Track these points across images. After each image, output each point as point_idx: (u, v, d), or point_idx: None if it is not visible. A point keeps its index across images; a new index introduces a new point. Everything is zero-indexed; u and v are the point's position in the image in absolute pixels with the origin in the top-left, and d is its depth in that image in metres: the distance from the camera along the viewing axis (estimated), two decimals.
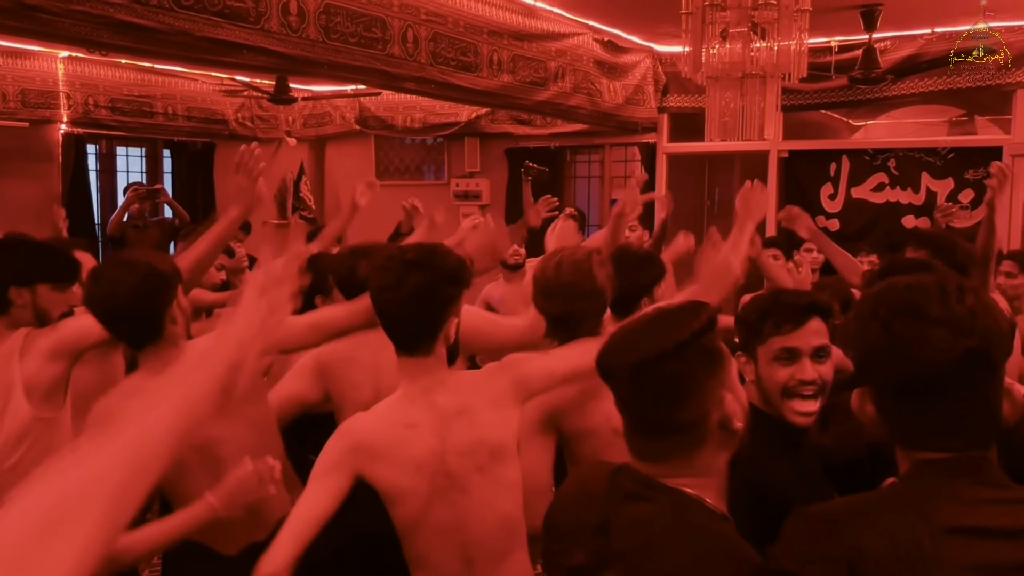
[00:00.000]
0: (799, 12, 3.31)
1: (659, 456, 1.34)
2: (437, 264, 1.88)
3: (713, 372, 1.33)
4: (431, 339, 1.89)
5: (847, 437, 1.73)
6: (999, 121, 6.15)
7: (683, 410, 1.31)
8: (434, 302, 1.88)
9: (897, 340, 1.20)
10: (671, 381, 1.30)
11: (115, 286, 2.05)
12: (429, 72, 4.39)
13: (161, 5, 3.06)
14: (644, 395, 1.33)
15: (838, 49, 5.84)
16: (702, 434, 1.32)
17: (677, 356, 1.29)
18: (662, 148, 6.81)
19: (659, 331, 1.33)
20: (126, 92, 6.67)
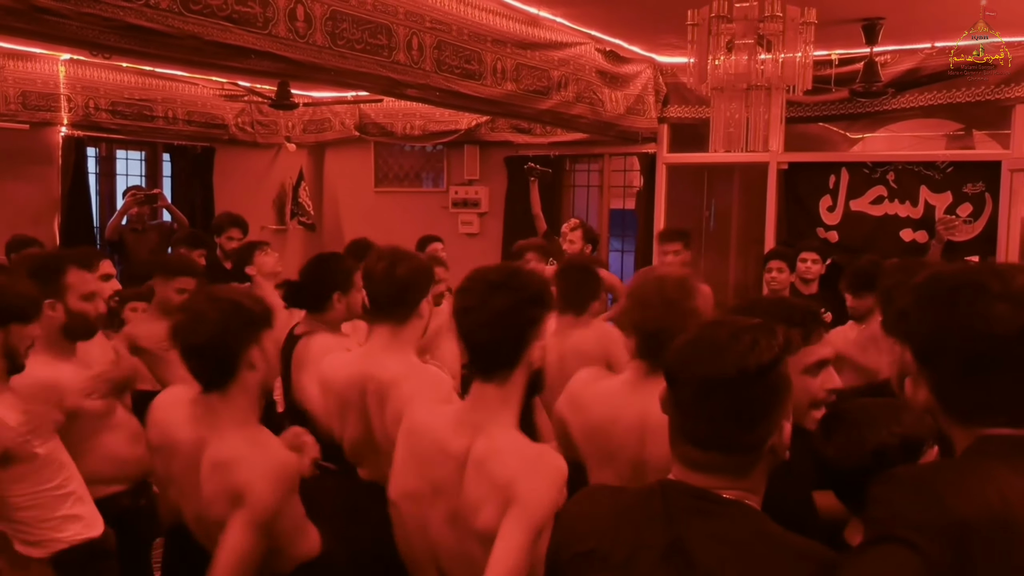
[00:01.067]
0: (804, 24, 3.34)
1: (713, 469, 1.34)
2: (520, 284, 1.84)
3: (782, 400, 1.35)
4: (511, 365, 1.83)
5: (851, 445, 1.73)
6: (997, 136, 6.19)
7: (752, 433, 1.32)
8: (516, 324, 1.82)
9: (963, 316, 1.22)
10: (745, 404, 1.30)
11: (198, 320, 2.03)
12: (434, 79, 4.40)
13: (171, 8, 3.07)
14: (716, 410, 1.31)
15: (839, 62, 5.87)
16: (760, 455, 1.34)
17: (755, 380, 1.29)
18: (662, 158, 6.83)
19: (740, 349, 1.31)
20: (127, 95, 6.67)
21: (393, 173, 8.24)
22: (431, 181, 8.12)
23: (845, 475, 1.72)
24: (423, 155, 8.12)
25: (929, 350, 1.29)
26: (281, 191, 8.15)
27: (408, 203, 8.02)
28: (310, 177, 8.22)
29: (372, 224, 7.45)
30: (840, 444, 1.72)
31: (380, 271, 2.59)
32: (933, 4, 4.83)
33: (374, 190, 8.20)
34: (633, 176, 7.49)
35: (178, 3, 3.10)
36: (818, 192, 6.31)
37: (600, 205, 7.55)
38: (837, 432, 1.74)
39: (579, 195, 7.69)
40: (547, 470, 1.72)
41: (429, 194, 8.03)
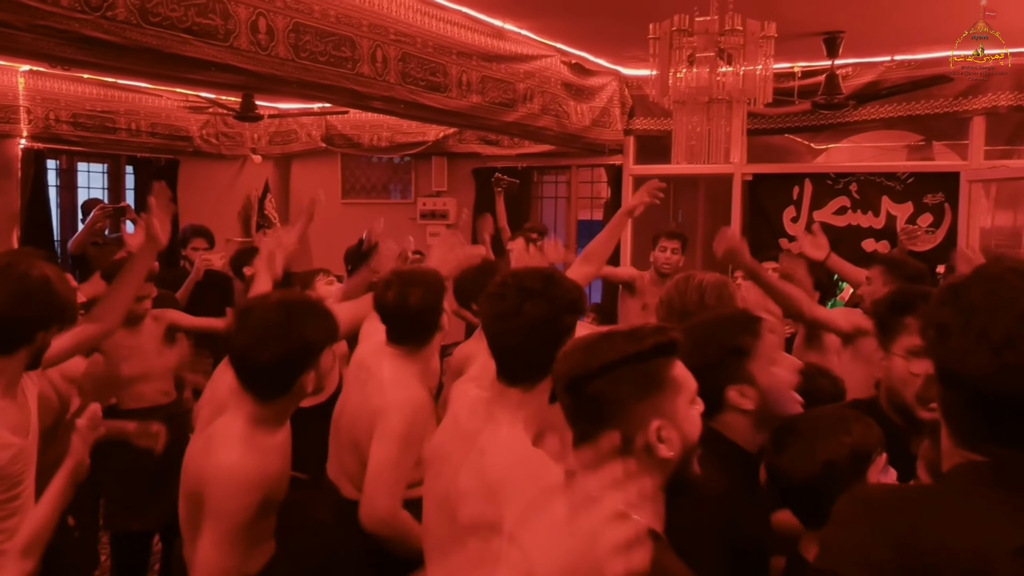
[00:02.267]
0: (764, 38, 3.37)
1: (591, 465, 1.40)
2: (556, 293, 1.80)
3: (642, 397, 1.36)
4: (539, 374, 1.78)
5: (802, 457, 1.73)
6: (956, 146, 6.29)
7: (605, 427, 1.37)
8: (550, 333, 1.77)
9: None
10: (593, 400, 1.36)
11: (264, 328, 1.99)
12: (398, 92, 4.39)
13: (128, 21, 3.03)
14: (574, 409, 1.41)
15: (801, 75, 5.95)
16: (626, 451, 1.37)
17: (601, 377, 1.35)
18: (628, 170, 6.87)
19: (596, 350, 1.38)
20: (88, 107, 6.58)
21: (360, 185, 8.21)
22: (399, 192, 8.10)
23: (797, 488, 1.73)
24: (391, 167, 8.09)
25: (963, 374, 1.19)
26: (247, 203, 8.07)
27: (376, 215, 7.88)
28: (276, 189, 8.15)
29: (339, 236, 7.39)
30: (791, 457, 1.73)
31: (391, 301, 2.57)
32: (891, 18, 4.91)
33: (341, 201, 8.15)
34: (600, 187, 7.52)
35: (136, 15, 3.06)
36: (782, 203, 6.38)
37: (568, 216, 7.57)
38: (788, 445, 1.75)
39: (547, 206, 7.71)
40: (540, 475, 1.70)
41: (397, 205, 8.00)
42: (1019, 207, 6.25)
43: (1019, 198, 6.18)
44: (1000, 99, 5.59)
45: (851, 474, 1.69)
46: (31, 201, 6.47)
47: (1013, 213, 6.32)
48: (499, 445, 1.75)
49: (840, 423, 1.77)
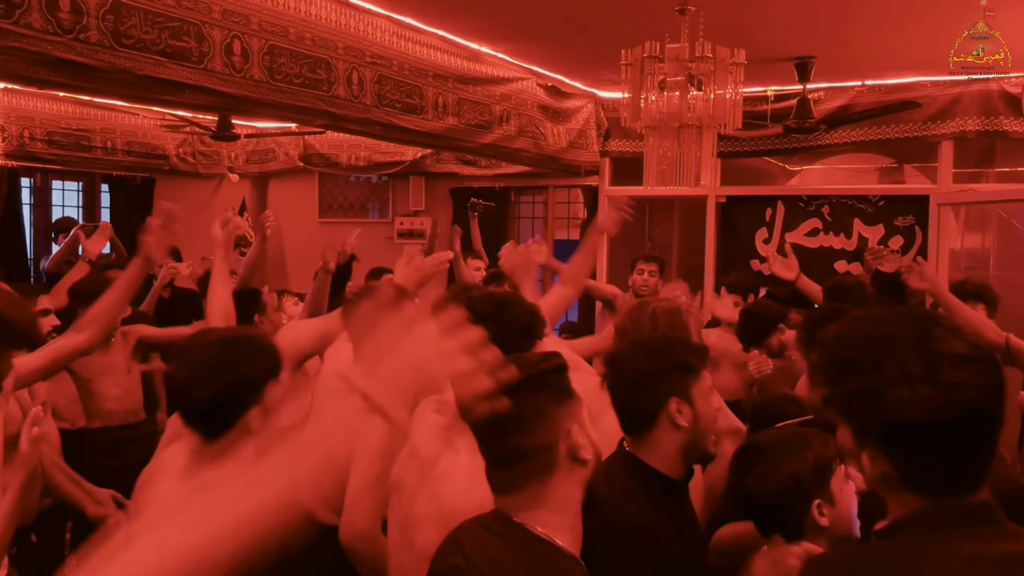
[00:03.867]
0: (734, 65, 3.43)
1: (511, 487, 1.43)
2: (508, 317, 1.82)
3: (560, 403, 1.43)
4: None
5: (770, 474, 1.77)
6: (926, 169, 6.40)
7: (529, 437, 1.40)
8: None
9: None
10: (515, 411, 1.33)
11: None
12: (374, 114, 4.41)
13: (101, 43, 3.03)
14: (493, 425, 1.41)
15: (774, 98, 6.03)
16: (551, 462, 1.41)
17: (521, 389, 1.36)
18: (604, 191, 6.92)
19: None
20: (63, 125, 6.54)
21: (338, 204, 8.21)
22: (377, 212, 8.11)
23: (766, 504, 1.77)
24: (368, 186, 8.10)
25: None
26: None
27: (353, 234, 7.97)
28: (253, 208, 8.13)
29: (316, 255, 7.36)
30: (759, 474, 1.77)
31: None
32: (862, 44, 5.00)
33: (319, 220, 8.15)
34: (577, 208, 7.57)
35: (109, 37, 3.07)
36: (754, 224, 6.45)
37: (545, 236, 7.60)
38: (754, 463, 1.79)
39: (524, 226, 7.74)
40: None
41: (375, 225, 8.01)
42: (987, 229, 6.35)
43: (987, 221, 6.28)
44: (968, 124, 5.69)
45: (816, 485, 1.75)
46: (5, 219, 6.44)
47: (981, 235, 6.41)
48: (456, 473, 1.76)
49: (800, 439, 1.83)
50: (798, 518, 1.74)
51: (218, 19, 3.53)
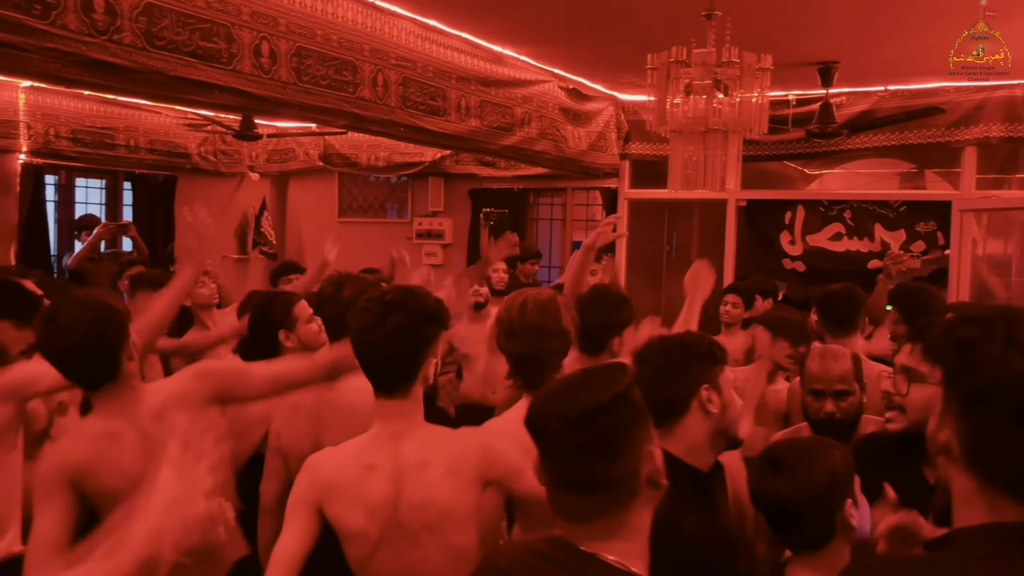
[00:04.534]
0: (760, 70, 3.43)
1: (586, 516, 1.33)
2: (416, 305, 1.90)
3: (642, 426, 1.36)
4: (409, 380, 1.92)
5: (808, 473, 1.76)
6: (947, 175, 6.37)
7: (617, 464, 1.31)
8: (413, 343, 1.89)
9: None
10: (606, 435, 1.30)
11: (71, 324, 2.00)
12: (398, 115, 4.44)
13: (135, 44, 3.07)
14: (578, 450, 1.31)
15: (796, 103, 6.02)
16: (633, 490, 1.33)
17: (612, 410, 1.31)
18: (623, 194, 6.92)
19: (591, 387, 1.35)
20: (88, 123, 6.60)
21: (357, 203, 8.25)
22: (395, 212, 8.14)
23: (798, 507, 1.76)
24: (387, 186, 8.14)
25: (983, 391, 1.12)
26: (244, 220, 8.11)
27: (372, 234, 8.02)
28: (273, 206, 8.19)
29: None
30: (794, 474, 1.77)
31: (328, 295, 2.71)
32: (885, 49, 4.99)
33: (338, 220, 8.19)
34: (596, 210, 7.57)
35: (142, 38, 3.10)
36: (777, 228, 6.45)
37: (563, 238, 7.62)
38: (785, 467, 1.79)
39: (542, 228, 7.75)
40: (490, 436, 1.96)
41: (393, 225, 8.05)
42: (1010, 236, 6.31)
43: (1010, 227, 6.25)
44: (992, 130, 5.67)
45: (849, 482, 1.78)
46: (29, 216, 6.50)
47: (1004, 241, 6.38)
48: (435, 441, 1.93)
49: (823, 441, 1.89)
50: (832, 517, 1.75)
51: (247, 21, 3.57)
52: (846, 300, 3.41)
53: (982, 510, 1.11)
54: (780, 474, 1.78)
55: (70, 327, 2.00)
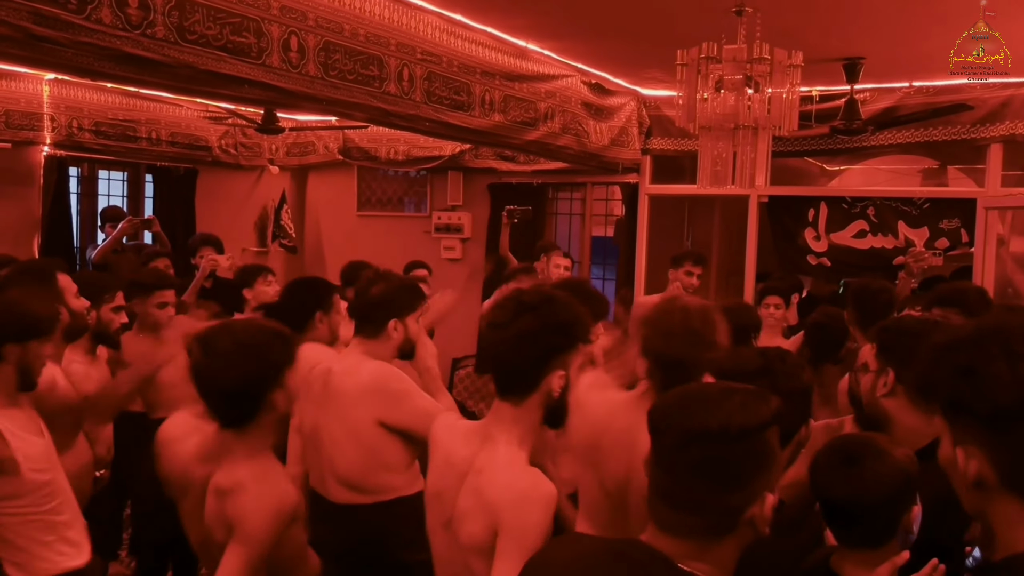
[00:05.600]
0: (791, 67, 3.41)
1: (683, 532, 1.31)
2: (549, 311, 1.85)
3: (766, 468, 1.31)
4: (526, 387, 1.85)
5: (885, 471, 1.75)
6: (970, 171, 6.32)
7: (730, 497, 1.28)
8: (536, 348, 1.83)
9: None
10: (724, 463, 1.27)
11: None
12: (423, 110, 4.44)
13: (167, 39, 3.08)
14: (694, 468, 1.28)
15: (819, 99, 5.98)
16: (732, 524, 1.30)
17: (739, 440, 1.26)
18: (644, 189, 6.91)
19: (728, 409, 1.29)
20: (111, 116, 6.64)
21: (376, 197, 8.26)
22: (414, 206, 8.15)
23: (870, 505, 1.74)
24: (406, 180, 8.14)
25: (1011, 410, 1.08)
26: (263, 213, 8.14)
27: (391, 227, 8.04)
28: (292, 200, 8.21)
29: (354, 248, 7.43)
30: (869, 474, 1.75)
31: (361, 289, 2.81)
32: (911, 45, 4.95)
33: (356, 214, 8.21)
34: (615, 205, 7.57)
35: (174, 33, 3.11)
36: (800, 224, 6.42)
37: (582, 233, 7.61)
38: (860, 463, 1.77)
39: (561, 223, 7.75)
40: (536, 496, 1.74)
41: (412, 219, 8.05)
42: None
43: None
44: (1018, 127, 5.62)
45: (914, 490, 1.76)
46: (52, 208, 6.54)
47: None
48: (496, 464, 1.80)
49: (883, 440, 1.84)
50: (897, 519, 1.74)
51: (276, 15, 3.57)
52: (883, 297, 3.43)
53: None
54: (853, 469, 1.76)
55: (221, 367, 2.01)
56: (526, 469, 1.80)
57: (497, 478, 1.77)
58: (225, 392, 2.01)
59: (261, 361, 2.01)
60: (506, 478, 1.77)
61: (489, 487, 1.76)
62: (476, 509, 1.76)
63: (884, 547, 1.76)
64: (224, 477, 2.00)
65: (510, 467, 1.79)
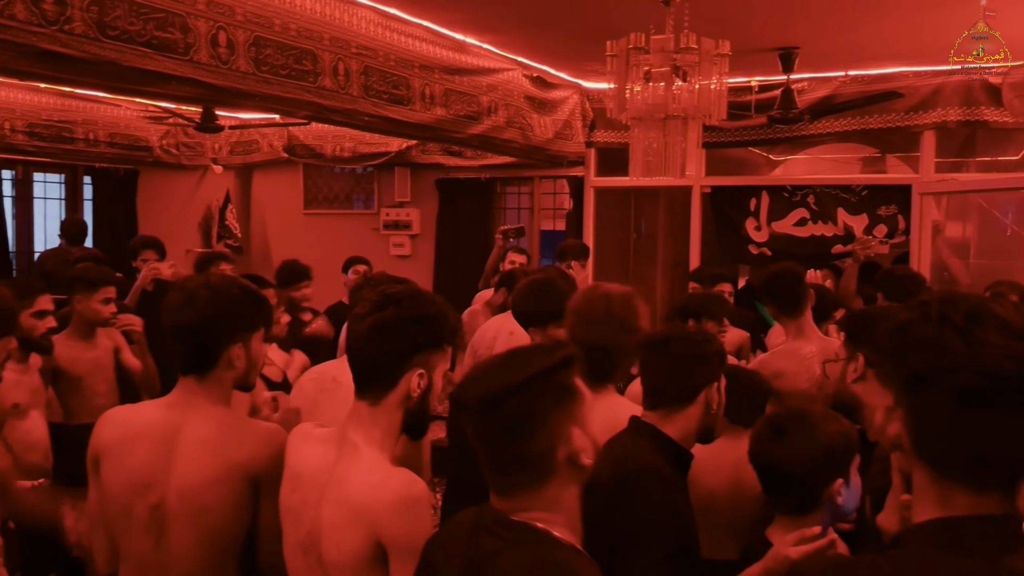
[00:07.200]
0: (719, 56, 3.45)
1: (509, 490, 1.40)
2: (410, 305, 1.76)
3: (561, 407, 1.39)
4: (382, 384, 1.74)
5: (805, 442, 1.92)
6: (909, 159, 6.45)
7: (529, 444, 1.37)
8: (393, 341, 1.73)
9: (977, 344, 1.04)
10: (517, 415, 1.36)
11: None
12: (361, 105, 4.41)
13: (86, 34, 3.01)
14: (494, 429, 1.38)
15: (759, 89, 6.06)
16: (549, 468, 1.38)
17: (523, 391, 1.35)
18: (589, 182, 6.94)
19: (511, 366, 1.40)
20: (45, 117, 6.47)
21: (323, 195, 8.19)
22: (362, 203, 8.09)
23: (797, 472, 1.89)
24: (353, 177, 8.08)
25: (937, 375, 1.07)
26: (207, 213, 8.02)
27: (338, 226, 7.98)
28: (237, 199, 8.10)
29: (301, 247, 7.36)
30: (794, 444, 1.89)
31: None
32: (845, 35, 5.03)
33: (303, 212, 8.13)
34: (563, 198, 7.59)
35: (94, 28, 3.05)
36: (743, 214, 6.50)
37: (531, 227, 7.62)
38: (787, 434, 1.91)
39: (510, 217, 7.75)
40: (413, 497, 1.66)
41: (360, 216, 8.00)
42: (968, 218, 6.42)
43: (968, 210, 6.35)
44: (949, 114, 5.75)
45: (845, 461, 1.89)
46: None
47: (963, 224, 6.48)
48: (360, 469, 1.69)
49: (830, 415, 1.99)
50: (819, 491, 1.87)
51: (203, 10, 3.52)
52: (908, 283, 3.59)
53: (934, 504, 1.08)
54: (781, 439, 1.91)
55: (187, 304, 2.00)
56: (394, 471, 1.70)
57: (363, 481, 1.66)
58: (183, 330, 1.97)
59: (221, 308, 1.96)
60: (373, 480, 1.66)
61: (358, 495, 1.64)
62: (346, 521, 1.64)
63: (809, 515, 1.89)
64: (200, 428, 1.96)
65: (376, 471, 1.68)
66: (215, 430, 1.94)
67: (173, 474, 1.91)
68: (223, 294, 1.98)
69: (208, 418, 1.96)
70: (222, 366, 1.98)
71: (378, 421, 1.74)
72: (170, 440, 1.94)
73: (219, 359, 1.97)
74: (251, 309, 2.02)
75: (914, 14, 4.51)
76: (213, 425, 1.95)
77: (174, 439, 1.94)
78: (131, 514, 1.95)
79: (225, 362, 1.98)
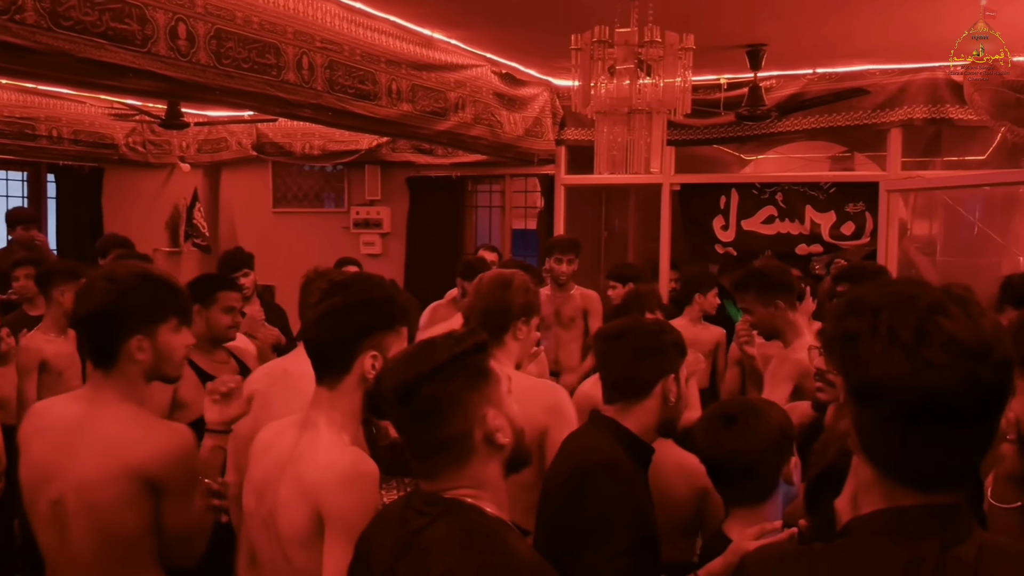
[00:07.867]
0: (683, 50, 3.44)
1: (432, 472, 1.46)
2: (358, 289, 1.83)
3: (474, 390, 1.44)
4: (338, 368, 1.78)
5: (760, 429, 1.91)
6: (876, 158, 6.50)
7: (445, 428, 1.42)
8: (344, 326, 1.78)
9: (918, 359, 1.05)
10: (430, 402, 1.41)
11: None
12: (326, 99, 4.36)
13: (38, 24, 2.95)
14: (410, 416, 1.44)
15: (727, 86, 6.07)
16: (467, 449, 1.43)
17: (434, 378, 1.41)
18: (560, 180, 6.93)
19: (422, 356, 1.45)
20: (6, 113, 6.35)
21: (292, 193, 8.11)
22: (332, 202, 8.03)
23: (753, 457, 1.88)
24: (323, 175, 8.02)
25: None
26: (175, 212, 7.92)
27: (308, 224, 7.92)
28: (205, 198, 8.01)
29: (271, 245, 7.31)
30: (748, 430, 1.89)
31: None
32: (813, 32, 5.05)
33: (272, 211, 8.05)
34: (534, 197, 7.57)
35: (47, 18, 2.98)
36: (711, 212, 6.51)
37: (502, 225, 7.60)
38: (738, 422, 1.90)
39: (481, 216, 7.73)
40: (356, 474, 1.69)
41: (330, 215, 7.94)
42: (935, 216, 6.47)
43: (934, 208, 6.40)
44: (915, 112, 5.79)
45: (791, 443, 1.93)
46: None
47: (929, 222, 6.54)
48: (316, 447, 1.75)
49: (765, 403, 2.03)
50: (778, 470, 1.89)
51: (162, 2, 3.45)
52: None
53: (880, 498, 1.11)
54: (733, 428, 1.90)
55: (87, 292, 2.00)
56: (346, 448, 1.74)
57: (317, 460, 1.71)
58: (81, 321, 1.95)
59: (115, 298, 1.92)
60: (326, 459, 1.71)
61: (308, 470, 1.70)
62: (297, 496, 1.70)
63: (767, 502, 1.89)
64: (107, 428, 1.92)
65: (330, 449, 1.73)
66: (115, 428, 1.90)
67: (72, 470, 1.87)
68: (119, 284, 1.93)
69: (112, 415, 1.92)
70: (125, 359, 1.93)
71: (337, 404, 1.79)
72: (72, 435, 1.90)
73: (119, 352, 1.92)
74: (152, 298, 1.96)
75: (882, 12, 4.53)
76: (115, 423, 1.91)
77: (76, 434, 1.90)
78: (35, 508, 1.94)
79: (126, 355, 1.92)
